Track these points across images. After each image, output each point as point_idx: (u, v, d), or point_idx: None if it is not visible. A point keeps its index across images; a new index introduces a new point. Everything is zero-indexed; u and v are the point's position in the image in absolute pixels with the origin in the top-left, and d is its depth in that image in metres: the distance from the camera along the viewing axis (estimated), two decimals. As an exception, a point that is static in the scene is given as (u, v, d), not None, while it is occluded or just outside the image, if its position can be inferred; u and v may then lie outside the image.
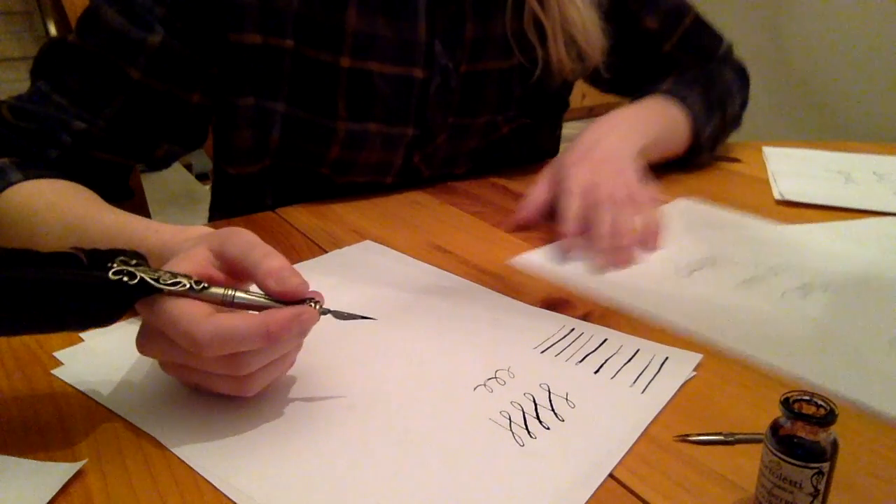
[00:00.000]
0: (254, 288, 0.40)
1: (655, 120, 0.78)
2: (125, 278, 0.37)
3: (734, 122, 0.88)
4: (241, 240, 0.41)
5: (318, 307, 0.40)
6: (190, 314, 0.37)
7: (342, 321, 0.42)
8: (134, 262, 0.38)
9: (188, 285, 0.38)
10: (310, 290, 0.41)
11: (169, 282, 0.37)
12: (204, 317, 0.37)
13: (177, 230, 0.48)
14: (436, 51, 0.72)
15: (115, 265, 0.37)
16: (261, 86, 0.68)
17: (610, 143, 0.71)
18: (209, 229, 0.45)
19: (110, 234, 0.51)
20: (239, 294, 0.39)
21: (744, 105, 0.91)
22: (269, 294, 0.39)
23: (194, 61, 0.65)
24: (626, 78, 0.87)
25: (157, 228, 0.48)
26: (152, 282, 0.37)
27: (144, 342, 0.40)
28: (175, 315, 0.37)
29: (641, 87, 0.84)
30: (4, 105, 0.63)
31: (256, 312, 0.39)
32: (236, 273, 0.41)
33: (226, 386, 0.40)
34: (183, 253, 0.41)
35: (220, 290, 0.39)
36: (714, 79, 0.85)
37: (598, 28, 0.75)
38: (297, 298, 0.40)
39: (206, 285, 0.38)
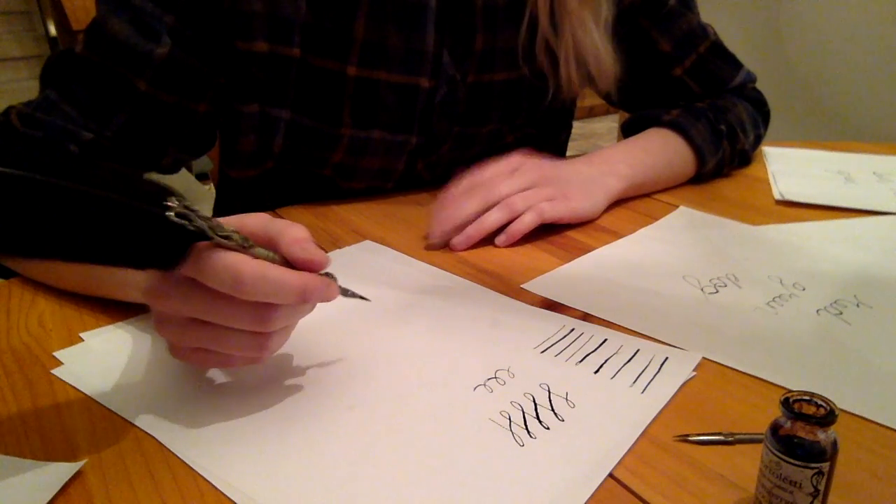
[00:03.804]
0: None
1: (654, 154, 0.78)
2: (186, 223, 0.35)
3: (743, 157, 0.85)
4: (259, 215, 0.41)
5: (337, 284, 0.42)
6: (234, 256, 0.37)
7: (340, 305, 0.43)
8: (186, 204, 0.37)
9: (239, 240, 0.38)
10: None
11: (221, 234, 0.37)
12: (248, 259, 0.37)
13: None
14: (443, 61, 0.72)
15: (173, 206, 0.35)
16: (266, 93, 0.68)
17: (586, 172, 0.72)
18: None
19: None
20: (259, 248, 0.39)
21: (758, 140, 0.88)
22: (292, 261, 0.40)
23: (202, 71, 0.65)
24: (635, 96, 0.86)
25: None
26: (207, 229, 0.36)
27: (160, 290, 0.38)
28: (219, 257, 0.37)
29: (648, 108, 0.83)
30: (13, 111, 0.63)
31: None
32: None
33: (243, 344, 0.39)
34: None
35: (266, 251, 0.39)
36: (725, 111, 0.82)
37: (611, 57, 0.74)
38: (317, 269, 0.40)
39: (252, 243, 0.38)
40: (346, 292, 0.44)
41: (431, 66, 0.71)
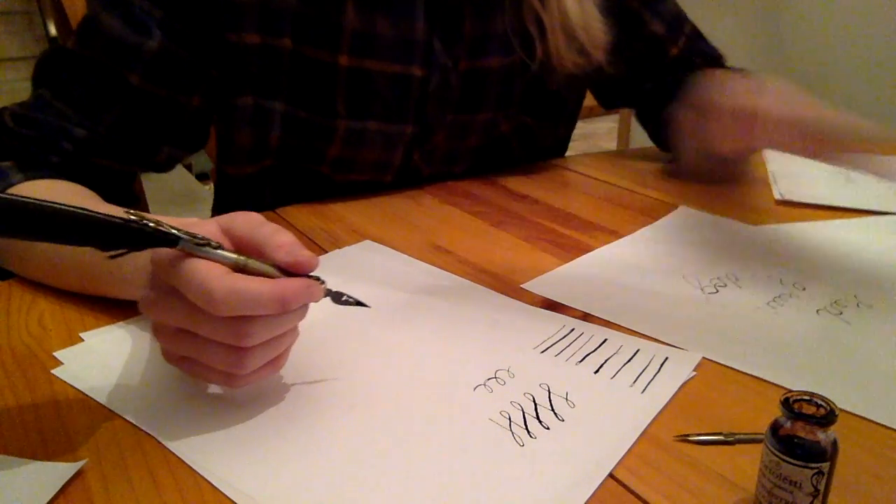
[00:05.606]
0: None
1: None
2: (142, 224, 0.37)
3: None
4: (249, 218, 0.41)
5: (323, 285, 0.41)
6: (207, 270, 0.37)
7: (339, 306, 0.42)
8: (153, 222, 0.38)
9: (208, 241, 0.38)
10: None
11: (186, 235, 0.37)
12: (221, 274, 0.37)
13: (170, 221, 0.48)
14: (435, 48, 0.72)
15: (132, 217, 0.37)
16: (259, 86, 0.68)
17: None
18: (198, 220, 0.45)
19: None
20: (252, 260, 0.39)
21: None
22: (278, 265, 0.39)
23: (193, 64, 0.65)
24: (633, 87, 0.87)
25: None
26: (173, 231, 0.37)
27: (150, 299, 0.39)
28: (192, 269, 0.37)
29: (648, 94, 0.84)
30: (7, 112, 0.63)
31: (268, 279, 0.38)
32: (244, 250, 0.41)
33: (221, 360, 0.39)
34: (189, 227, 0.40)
35: (234, 255, 0.39)
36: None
37: (600, 23, 0.75)
38: (306, 271, 0.40)
39: (221, 245, 0.38)
40: (340, 298, 0.42)
41: (423, 54, 0.72)
